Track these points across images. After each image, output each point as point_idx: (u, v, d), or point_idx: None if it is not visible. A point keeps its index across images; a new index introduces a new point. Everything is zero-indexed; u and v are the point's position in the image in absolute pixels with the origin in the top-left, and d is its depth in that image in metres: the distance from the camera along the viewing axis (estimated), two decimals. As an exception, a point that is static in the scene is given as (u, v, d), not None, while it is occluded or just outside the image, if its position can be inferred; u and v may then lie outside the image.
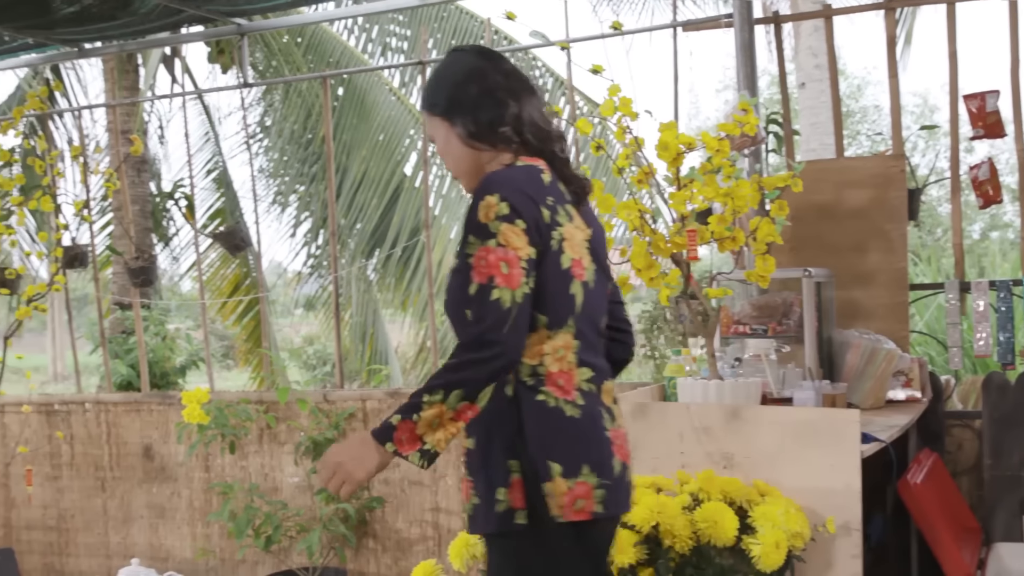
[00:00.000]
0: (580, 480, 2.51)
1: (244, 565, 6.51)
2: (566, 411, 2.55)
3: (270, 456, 6.48)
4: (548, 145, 2.70)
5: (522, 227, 2.48)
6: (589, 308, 2.63)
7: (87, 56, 7.31)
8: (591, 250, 2.68)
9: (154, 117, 12.40)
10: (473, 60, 2.76)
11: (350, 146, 10.66)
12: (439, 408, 2.40)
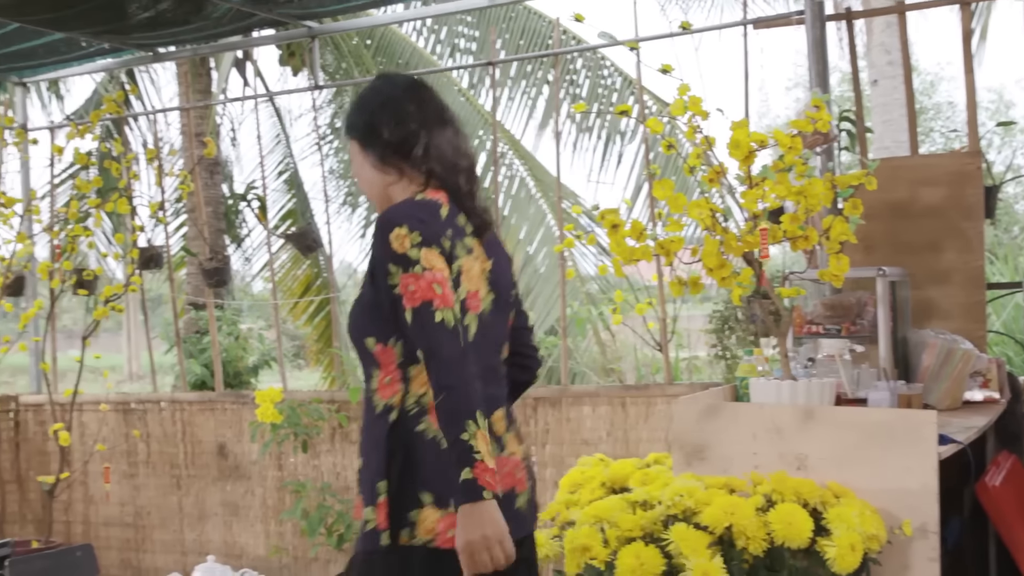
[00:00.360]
0: (450, 510, 2.54)
1: (316, 563, 6.57)
2: (443, 443, 2.51)
3: (342, 455, 6.53)
4: (453, 177, 2.74)
5: (438, 251, 2.56)
6: (482, 339, 2.68)
7: (161, 60, 7.43)
8: (491, 280, 2.74)
9: (226, 120, 12.57)
10: (392, 89, 2.84)
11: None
12: (480, 434, 2.43)
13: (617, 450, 5.75)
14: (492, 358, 2.77)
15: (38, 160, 7.74)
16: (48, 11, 5.94)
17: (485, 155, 10.74)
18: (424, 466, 2.59)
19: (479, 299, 2.69)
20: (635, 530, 3.22)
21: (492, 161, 6.64)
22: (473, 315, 2.66)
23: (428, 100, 2.82)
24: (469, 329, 2.63)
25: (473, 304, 2.66)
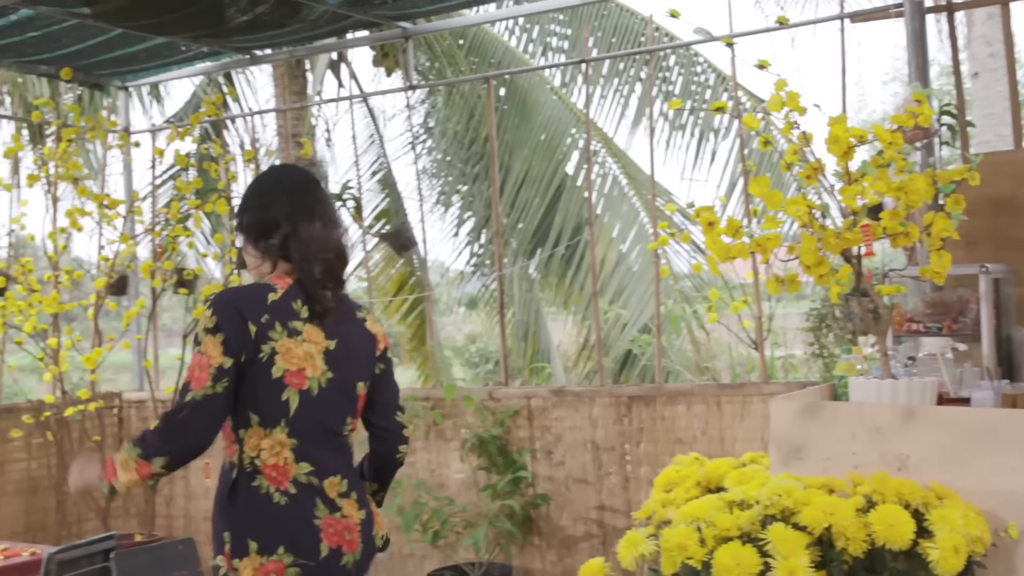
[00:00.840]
0: (274, 558, 2.89)
1: (412, 559, 6.62)
2: (274, 498, 2.93)
3: (437, 452, 6.57)
4: (309, 266, 3.03)
5: (220, 339, 2.88)
6: (311, 412, 2.99)
7: (258, 63, 7.53)
8: (328, 359, 3.04)
9: (321, 121, 12.71)
10: (270, 180, 3.21)
11: (512, 146, 10.73)
12: (127, 456, 2.91)
13: (712, 449, 5.71)
14: (331, 425, 3.06)
15: (140, 162, 7.91)
16: (150, 16, 6.06)
17: (578, 153, 10.72)
18: (254, 517, 2.94)
19: (304, 377, 2.99)
20: (732, 530, 3.20)
21: (585, 159, 6.63)
22: (294, 391, 2.97)
23: (303, 193, 3.13)
24: (289, 404, 2.96)
25: (294, 381, 2.97)
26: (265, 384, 2.94)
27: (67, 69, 7.03)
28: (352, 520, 3.04)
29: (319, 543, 2.95)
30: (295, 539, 2.93)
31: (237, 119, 11.49)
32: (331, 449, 3.06)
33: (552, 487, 6.20)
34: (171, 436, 2.93)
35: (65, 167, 6.90)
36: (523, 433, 6.28)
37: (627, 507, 5.90)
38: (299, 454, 2.98)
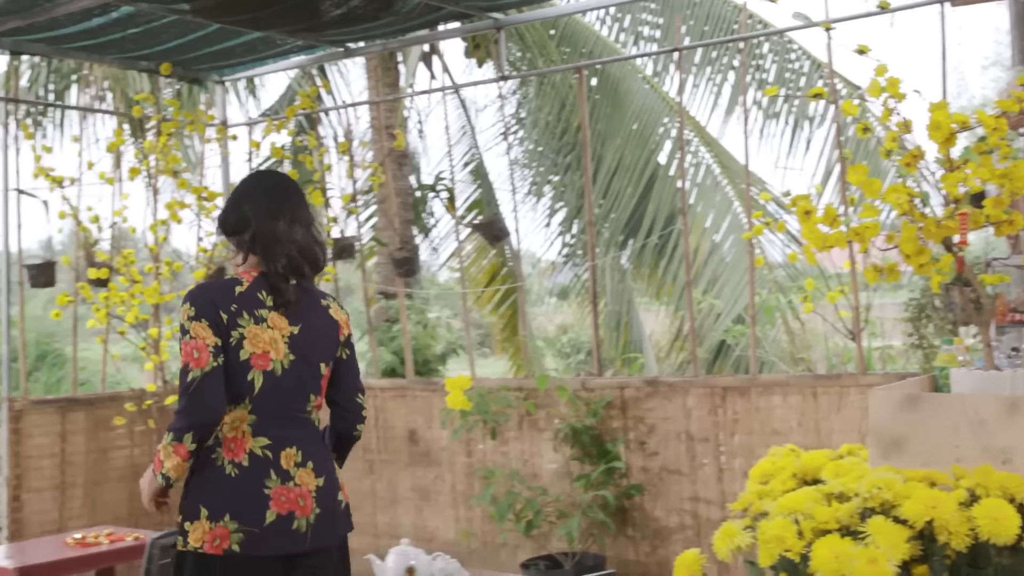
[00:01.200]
0: (220, 524, 3.24)
1: (505, 548, 6.65)
2: (226, 469, 3.29)
3: (530, 442, 6.59)
4: (272, 260, 3.39)
5: (206, 323, 3.27)
6: (273, 391, 3.34)
7: (352, 56, 7.59)
8: (290, 343, 3.38)
9: (413, 112, 12.80)
10: (248, 183, 3.60)
11: (604, 135, 10.70)
12: (165, 444, 3.27)
13: (808, 440, 5.64)
14: (291, 403, 3.39)
15: (236, 155, 8.04)
16: (247, 12, 6.15)
17: (670, 142, 10.65)
18: (207, 486, 3.30)
19: (269, 359, 3.34)
20: (831, 522, 3.16)
21: (678, 148, 6.59)
22: (259, 372, 3.32)
23: (273, 197, 3.49)
24: (253, 383, 3.31)
25: (259, 363, 3.32)
26: (233, 365, 3.30)
27: (167, 64, 7.16)
28: (307, 487, 3.35)
29: (265, 511, 3.28)
30: (240, 508, 3.27)
31: (331, 111, 11.62)
32: (291, 425, 3.39)
33: (646, 478, 6.18)
34: (190, 413, 3.25)
35: (165, 161, 7.04)
36: (616, 423, 6.27)
37: (721, 498, 5.86)
38: (256, 429, 3.33)
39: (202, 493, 3.31)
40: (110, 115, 10.44)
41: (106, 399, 7.28)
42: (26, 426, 6.84)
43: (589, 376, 6.66)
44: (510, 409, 6.41)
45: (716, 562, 3.62)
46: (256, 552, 3.27)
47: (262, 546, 3.27)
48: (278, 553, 3.31)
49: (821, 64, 10.07)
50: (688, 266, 6.46)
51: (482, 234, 7.35)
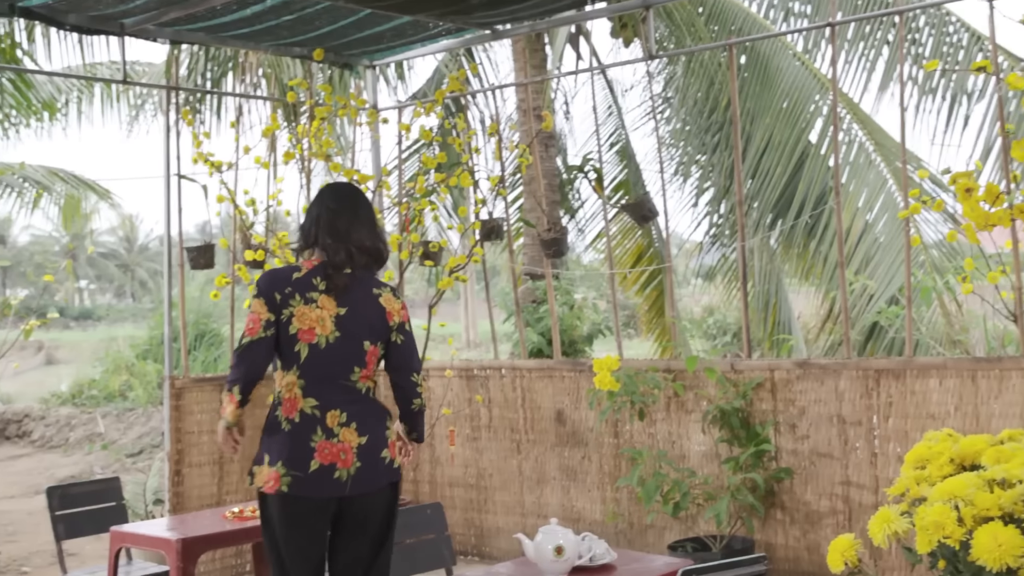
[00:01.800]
0: (275, 468, 4.05)
1: (652, 530, 6.64)
2: (283, 425, 4.11)
3: (677, 424, 6.56)
4: (331, 253, 4.18)
5: (263, 301, 4.11)
6: (318, 361, 4.10)
7: (499, 38, 7.64)
8: (337, 322, 4.13)
9: (559, 94, 12.81)
10: (322, 190, 4.43)
11: (753, 114, 10.53)
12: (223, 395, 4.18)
13: (966, 425, 5.50)
14: (334, 372, 4.12)
15: (386, 138, 8.17)
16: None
17: (822, 120, 10.43)
18: (269, 437, 4.13)
19: (313, 334, 4.09)
20: (993, 509, 3.06)
21: (831, 125, 6.44)
22: (305, 344, 4.09)
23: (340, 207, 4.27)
24: (300, 354, 4.08)
25: (305, 337, 4.09)
26: (285, 338, 4.10)
27: (319, 50, 7.31)
28: (348, 444, 4.10)
29: (310, 460, 4.04)
30: (291, 457, 4.05)
31: (478, 94, 11.69)
32: (337, 391, 4.13)
33: (796, 461, 6.10)
34: (237, 370, 4.13)
35: (318, 145, 7.19)
36: (766, 406, 6.20)
37: (874, 483, 5.75)
38: (307, 392, 4.10)
39: (267, 443, 4.14)
40: (265, 101, 10.69)
41: (262, 377, 7.48)
42: (187, 403, 7.09)
43: (738, 357, 6.59)
44: (657, 390, 6.38)
45: (870, 547, 3.56)
46: (301, 493, 4.05)
47: (306, 488, 4.05)
48: (320, 496, 4.08)
49: (981, 37, 9.74)
50: (841, 246, 6.32)
51: (630, 214, 7.29)
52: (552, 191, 10.30)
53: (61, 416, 16.22)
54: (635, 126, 12.44)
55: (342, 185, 4.53)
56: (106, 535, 5.68)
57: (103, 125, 16.84)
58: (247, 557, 7.21)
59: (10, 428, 16.37)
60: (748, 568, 3.61)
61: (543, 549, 4.10)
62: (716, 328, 21.41)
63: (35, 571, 8.21)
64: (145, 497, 8.25)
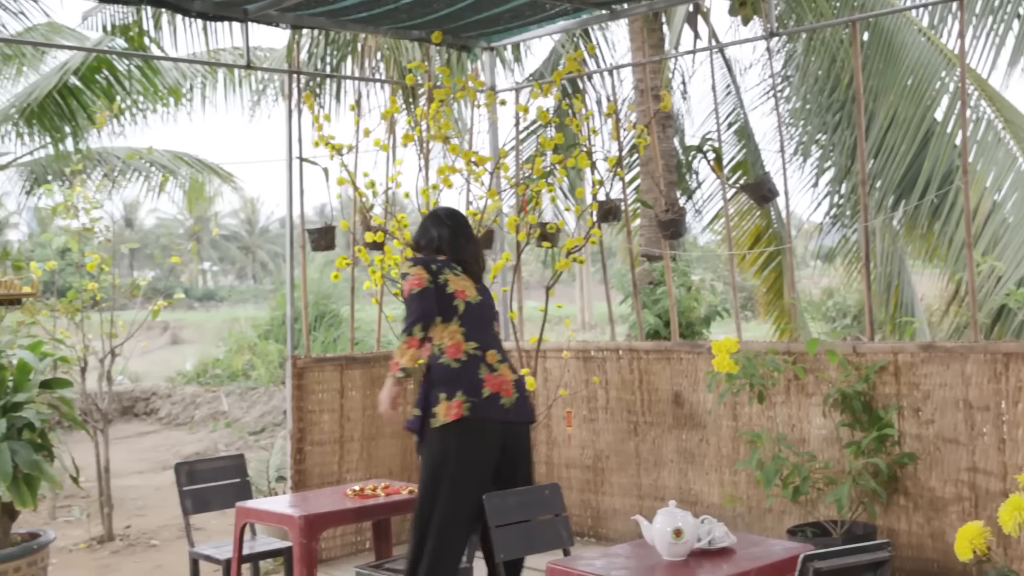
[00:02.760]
0: (455, 399, 4.90)
1: (771, 514, 6.57)
2: (451, 365, 4.99)
3: (797, 407, 6.47)
4: (457, 254, 5.27)
5: (421, 267, 5.08)
6: (473, 312, 5.12)
7: (617, 18, 7.59)
8: (478, 291, 5.23)
9: (677, 73, 12.69)
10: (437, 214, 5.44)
11: (876, 91, 10.29)
12: (398, 345, 4.97)
13: (1101, 411, 5.32)
14: (484, 324, 5.17)
15: (503, 120, 8.18)
16: (515, -23, 6.24)
17: (948, 97, 10.16)
18: (440, 377, 4.97)
19: (465, 294, 5.11)
20: None
21: (958, 101, 6.28)
22: (461, 301, 5.09)
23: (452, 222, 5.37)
24: (458, 307, 5.06)
25: (460, 295, 5.10)
26: (444, 297, 5.04)
27: (437, 33, 7.35)
28: (506, 377, 5.06)
29: (482, 388, 4.94)
30: (465, 386, 4.91)
31: (594, 75, 11.65)
32: (489, 337, 5.14)
33: (920, 446, 5.97)
34: (415, 312, 4.96)
35: (436, 127, 7.24)
36: (889, 389, 6.08)
37: (1002, 470, 5.60)
38: (467, 336, 5.04)
39: (436, 385, 4.96)
40: (384, 84, 10.80)
41: (381, 358, 7.58)
42: (308, 382, 7.22)
43: (859, 340, 6.47)
44: (777, 373, 6.30)
45: (999, 535, 3.47)
46: (479, 415, 4.87)
47: (482, 412, 4.89)
48: (494, 419, 4.92)
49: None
50: (968, 225, 6.15)
51: (750, 195, 7.19)
52: (669, 172, 10.22)
53: (186, 394, 16.67)
54: (753, 105, 12.28)
55: (450, 209, 5.53)
56: (230, 510, 5.83)
57: (226, 110, 17.40)
58: (367, 535, 7.34)
59: (138, 406, 16.87)
60: (872, 554, 3.55)
61: (662, 531, 4.09)
62: (835, 310, 21.09)
63: (163, 544, 8.46)
64: (268, 474, 8.44)
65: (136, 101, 13.00)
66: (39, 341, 6.79)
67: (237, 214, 69.02)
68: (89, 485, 9.08)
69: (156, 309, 8.60)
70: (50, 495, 9.48)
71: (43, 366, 6.51)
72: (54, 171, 13.86)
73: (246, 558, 5.74)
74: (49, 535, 6.43)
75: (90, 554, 8.18)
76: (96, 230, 8.63)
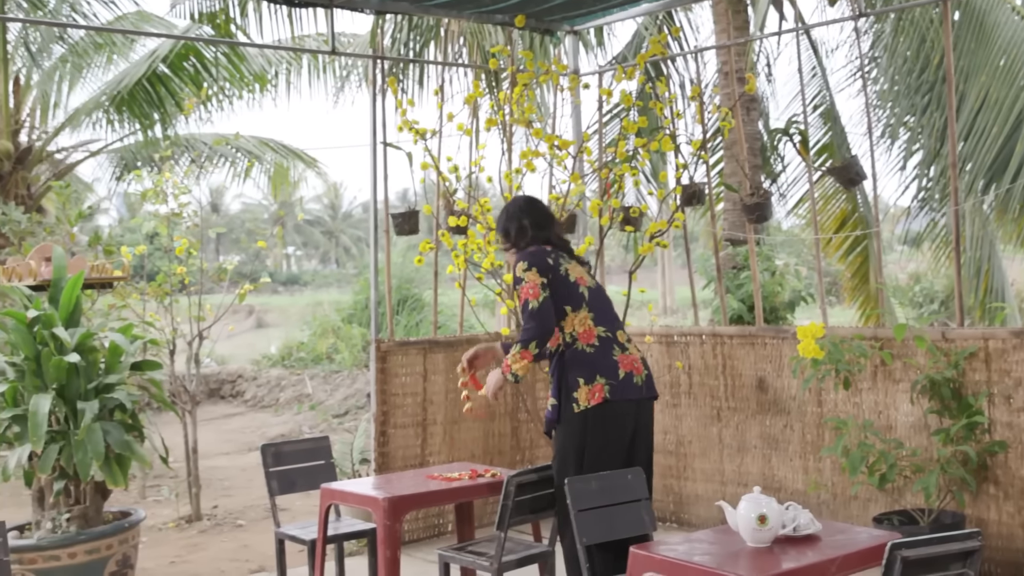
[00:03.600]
0: (595, 383, 5.01)
1: (856, 502, 6.49)
2: (586, 351, 5.07)
3: (884, 393, 6.38)
4: (550, 240, 5.31)
5: (536, 272, 5.08)
6: (596, 298, 5.22)
7: (701, 0, 7.52)
8: (590, 276, 5.33)
9: (761, 55, 12.55)
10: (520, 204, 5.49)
11: (967, 72, 10.08)
12: (515, 352, 5.06)
13: None
14: (607, 307, 5.26)
15: (587, 104, 8.14)
16: (598, -40, 6.20)
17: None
18: (576, 364, 5.06)
19: (584, 281, 5.22)
20: None
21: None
22: (584, 287, 5.19)
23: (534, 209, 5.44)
24: (584, 295, 5.15)
25: (582, 283, 5.20)
26: (568, 287, 5.13)
27: (521, 16, 7.34)
28: (636, 356, 5.18)
29: (618, 370, 5.05)
30: (603, 370, 5.03)
31: (678, 57, 11.57)
32: (614, 318, 5.25)
33: (1011, 434, 5.85)
34: (534, 328, 5.01)
35: (520, 111, 7.23)
36: (979, 376, 5.96)
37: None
38: (596, 321, 5.13)
39: (573, 370, 5.05)
40: (467, 69, 10.82)
41: (463, 342, 7.61)
42: (392, 366, 7.27)
43: (947, 326, 6.35)
44: (863, 359, 6.21)
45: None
46: (619, 396, 5.01)
47: (621, 393, 5.02)
48: (630, 398, 5.07)
49: None
50: (1062, 210, 6.01)
51: (837, 178, 7.08)
52: (754, 155, 10.11)
53: (271, 377, 16.90)
54: (840, 87, 12.12)
55: (531, 199, 5.59)
56: (315, 492, 5.89)
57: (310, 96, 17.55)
58: (449, 517, 7.38)
59: (224, 388, 17.15)
60: (961, 543, 3.48)
61: (746, 517, 4.05)
62: (922, 296, 20.76)
63: (249, 524, 8.59)
64: (352, 456, 8.52)
65: (223, 88, 13.17)
66: (130, 324, 6.91)
67: (320, 199, 69.76)
68: (177, 465, 9.26)
69: (243, 293, 8.72)
70: (140, 475, 9.68)
71: (133, 348, 6.62)
72: (143, 157, 14.10)
73: (330, 539, 5.80)
74: (140, 514, 6.56)
75: (178, 533, 8.34)
76: (184, 215, 8.76)
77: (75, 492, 6.30)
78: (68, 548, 6.03)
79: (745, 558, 3.92)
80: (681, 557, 3.93)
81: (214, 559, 7.44)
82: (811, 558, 3.91)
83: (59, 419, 6.20)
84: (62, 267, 6.58)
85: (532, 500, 5.11)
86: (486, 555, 5.15)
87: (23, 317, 6.22)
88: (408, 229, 7.35)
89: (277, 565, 6.04)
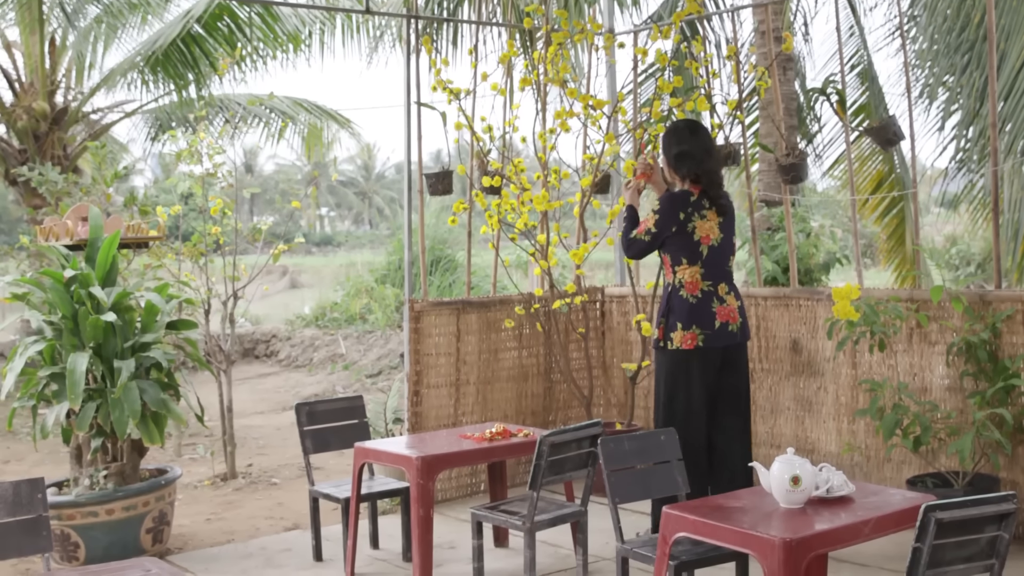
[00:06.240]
0: (691, 331, 5.63)
1: (890, 464, 6.48)
2: (689, 300, 5.66)
3: (919, 356, 6.35)
4: (710, 183, 5.74)
5: (656, 218, 5.71)
6: (713, 257, 5.69)
7: (738, -43, 7.44)
8: (720, 227, 5.75)
9: (798, 14, 12.41)
10: (681, 131, 5.86)
11: (1009, 30, 9.93)
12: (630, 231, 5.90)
13: None
14: (721, 262, 5.74)
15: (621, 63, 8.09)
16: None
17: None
18: (680, 310, 5.68)
19: (709, 239, 5.68)
20: None
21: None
22: (705, 246, 5.67)
23: (700, 136, 5.81)
24: (702, 252, 5.67)
25: (705, 240, 5.66)
26: (691, 243, 5.66)
27: (554, -25, 7.28)
28: (732, 307, 5.73)
29: (714, 320, 5.65)
30: (700, 319, 5.63)
31: (714, 16, 11.46)
32: (722, 273, 5.75)
33: (1048, 397, 5.81)
34: (624, 250, 6.00)
35: (554, 70, 7.19)
36: (1016, 339, 5.92)
37: (652, 345, 5.64)
38: (704, 276, 5.66)
39: (674, 314, 5.67)
40: (501, 29, 10.76)
41: (496, 303, 7.62)
42: (425, 326, 7.29)
43: (985, 288, 6.30)
44: (899, 321, 6.17)
45: None
46: (711, 344, 5.63)
47: (713, 341, 5.63)
48: (722, 345, 5.66)
49: None
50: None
51: (874, 138, 7.01)
52: (790, 115, 10.03)
53: (305, 337, 16.99)
54: (878, 47, 11.99)
55: (695, 123, 5.94)
56: (348, 451, 5.94)
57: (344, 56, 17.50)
58: (482, 477, 7.42)
59: (259, 348, 17.26)
60: (996, 506, 3.47)
61: (779, 478, 4.05)
62: (959, 258, 20.59)
63: (284, 483, 8.66)
64: (385, 416, 8.56)
65: (256, 48, 13.16)
66: (165, 283, 6.96)
67: (354, 160, 69.78)
68: (213, 424, 9.33)
69: (277, 253, 8.75)
70: (176, 433, 9.77)
71: (169, 308, 6.68)
72: (178, 118, 14.14)
73: (364, 497, 5.85)
74: (176, 471, 6.63)
75: (214, 491, 8.42)
76: (218, 175, 8.79)
77: (112, 449, 6.38)
78: (106, 504, 6.12)
79: (778, 519, 3.92)
80: (714, 518, 3.94)
81: (249, 517, 7.52)
82: (844, 519, 3.91)
83: (96, 377, 6.26)
84: (98, 227, 6.62)
85: (565, 460, 5.12)
86: (519, 514, 5.18)
87: (60, 276, 6.28)
88: (442, 189, 7.35)
89: (311, 523, 6.11)
